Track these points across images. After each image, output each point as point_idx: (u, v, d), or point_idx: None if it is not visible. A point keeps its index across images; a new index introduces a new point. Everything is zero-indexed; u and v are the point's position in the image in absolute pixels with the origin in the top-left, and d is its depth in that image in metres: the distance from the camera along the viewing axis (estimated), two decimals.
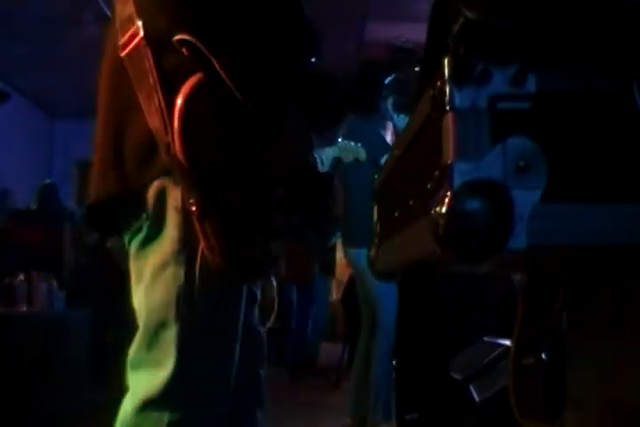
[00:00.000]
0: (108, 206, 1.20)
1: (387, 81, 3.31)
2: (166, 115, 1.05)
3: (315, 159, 1.32)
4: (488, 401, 2.04)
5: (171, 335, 1.13)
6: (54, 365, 4.06)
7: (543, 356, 1.01)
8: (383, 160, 1.91)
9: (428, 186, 0.67)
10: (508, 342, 2.05)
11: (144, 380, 1.16)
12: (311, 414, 3.42)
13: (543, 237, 0.62)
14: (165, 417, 1.13)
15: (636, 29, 0.65)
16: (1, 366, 3.45)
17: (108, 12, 2.32)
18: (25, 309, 4.18)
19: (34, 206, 5.60)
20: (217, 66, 1.04)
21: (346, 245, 3.55)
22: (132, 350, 1.19)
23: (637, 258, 0.72)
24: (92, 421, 3.70)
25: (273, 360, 6.21)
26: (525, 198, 0.62)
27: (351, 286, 5.95)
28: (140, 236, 1.17)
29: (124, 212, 1.19)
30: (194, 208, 1.05)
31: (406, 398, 2.73)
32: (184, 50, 1.05)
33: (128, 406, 1.18)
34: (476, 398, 2.10)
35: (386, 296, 3.21)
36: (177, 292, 1.12)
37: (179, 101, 1.04)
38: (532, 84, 0.64)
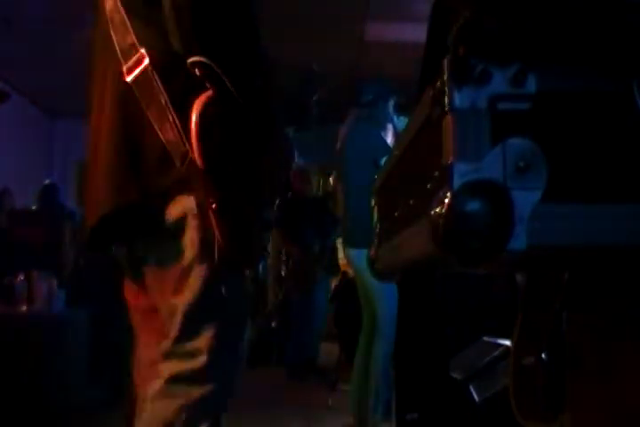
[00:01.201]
0: (119, 217, 1.31)
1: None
2: (181, 129, 1.22)
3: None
4: (488, 401, 2.04)
5: (205, 328, 1.26)
6: (54, 365, 4.06)
7: (543, 356, 1.01)
8: (383, 161, 1.92)
9: (428, 186, 0.67)
10: (508, 342, 2.05)
11: (175, 366, 1.28)
12: (311, 414, 3.42)
13: (543, 237, 0.62)
14: (195, 389, 1.26)
15: (635, 29, 0.65)
16: (1, 366, 3.45)
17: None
18: (25, 309, 4.18)
19: (34, 206, 5.59)
20: (227, 83, 1.21)
21: (346, 245, 3.55)
22: (167, 343, 1.29)
23: (637, 258, 0.72)
24: (91, 421, 3.71)
25: (273, 360, 6.21)
26: (525, 199, 0.62)
27: (344, 287, 5.94)
28: (156, 242, 1.31)
29: (137, 220, 1.31)
30: (213, 206, 1.20)
31: (406, 398, 2.72)
32: (197, 70, 1.22)
33: (156, 385, 1.29)
34: (476, 398, 2.10)
35: (386, 296, 3.20)
36: (205, 289, 1.26)
37: (193, 116, 1.20)
38: (531, 85, 0.64)
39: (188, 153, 1.22)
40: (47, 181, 5.94)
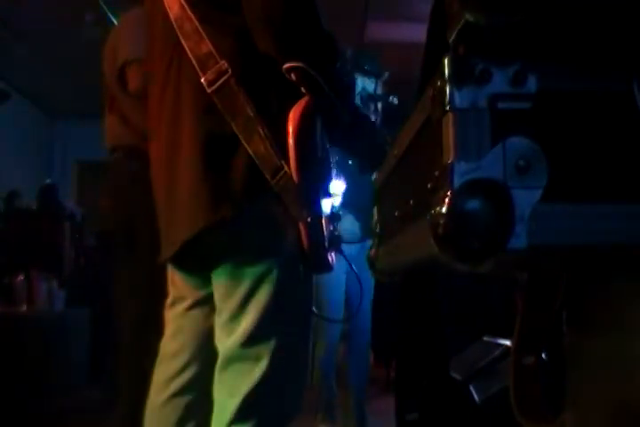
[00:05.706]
0: (207, 233, 1.26)
1: None
2: (272, 142, 1.19)
3: None
4: (488, 401, 2.04)
5: (269, 336, 1.27)
6: (54, 365, 4.06)
7: (543, 356, 1.01)
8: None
9: (428, 186, 0.67)
10: (508, 342, 2.05)
11: (239, 374, 1.28)
12: (311, 415, 3.42)
13: (543, 237, 0.62)
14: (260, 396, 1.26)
15: (636, 29, 0.65)
16: (1, 366, 3.45)
17: (110, 14, 2.32)
18: (25, 309, 4.18)
19: (34, 206, 5.60)
20: (324, 86, 1.21)
21: None
22: (230, 348, 1.29)
23: (637, 258, 0.72)
24: (91, 421, 3.71)
25: None
26: (525, 198, 0.61)
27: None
28: (231, 252, 1.28)
29: (224, 236, 1.27)
30: (308, 220, 1.21)
31: (406, 398, 2.72)
32: (293, 75, 1.20)
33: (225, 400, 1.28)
34: (476, 398, 2.10)
35: (326, 287, 2.95)
36: (277, 297, 1.26)
37: (290, 129, 1.18)
38: (532, 84, 0.64)
39: (281, 167, 1.19)
40: (47, 181, 5.94)
